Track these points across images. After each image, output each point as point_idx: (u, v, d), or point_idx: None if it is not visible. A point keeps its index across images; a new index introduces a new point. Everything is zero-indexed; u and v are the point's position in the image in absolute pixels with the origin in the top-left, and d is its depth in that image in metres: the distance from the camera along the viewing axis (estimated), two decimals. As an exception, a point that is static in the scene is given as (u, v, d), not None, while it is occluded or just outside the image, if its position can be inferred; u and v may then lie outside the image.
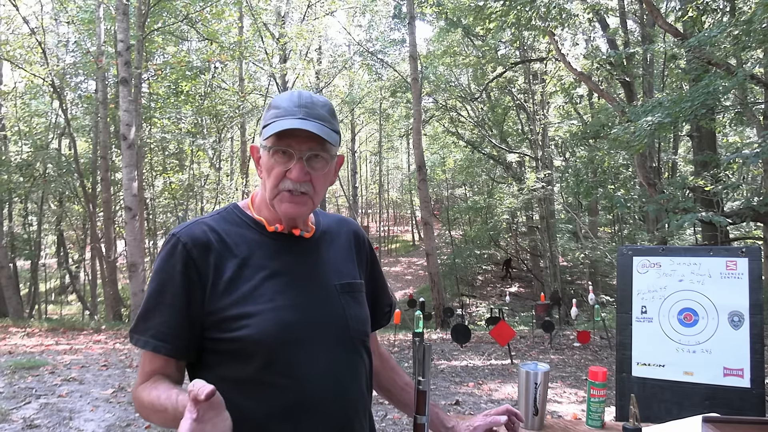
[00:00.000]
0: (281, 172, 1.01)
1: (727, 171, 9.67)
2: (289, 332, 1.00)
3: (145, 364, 1.02)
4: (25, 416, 4.19)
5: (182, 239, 1.01)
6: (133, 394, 1.03)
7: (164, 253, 1.02)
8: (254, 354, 0.98)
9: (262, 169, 1.05)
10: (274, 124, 1.00)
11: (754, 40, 6.17)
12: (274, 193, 1.03)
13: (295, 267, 1.07)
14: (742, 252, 1.92)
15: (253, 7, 14.78)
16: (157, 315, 1.00)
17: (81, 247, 18.85)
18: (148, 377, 1.01)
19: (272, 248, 1.06)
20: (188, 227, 1.04)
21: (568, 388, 5.32)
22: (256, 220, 1.08)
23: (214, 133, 15.78)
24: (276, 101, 1.05)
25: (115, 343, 7.71)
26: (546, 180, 15.45)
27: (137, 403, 1.01)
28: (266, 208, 1.08)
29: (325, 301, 1.07)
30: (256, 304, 0.99)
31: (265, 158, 1.03)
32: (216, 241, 1.03)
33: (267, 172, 1.03)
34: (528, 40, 15.18)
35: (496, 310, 12.25)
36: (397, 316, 8.07)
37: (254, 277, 1.02)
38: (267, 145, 1.02)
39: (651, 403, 1.90)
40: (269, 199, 1.04)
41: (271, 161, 1.02)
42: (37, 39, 13.06)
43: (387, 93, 19.89)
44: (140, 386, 1.01)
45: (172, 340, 0.99)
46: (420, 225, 23.31)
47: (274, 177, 1.01)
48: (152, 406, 0.95)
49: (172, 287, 0.99)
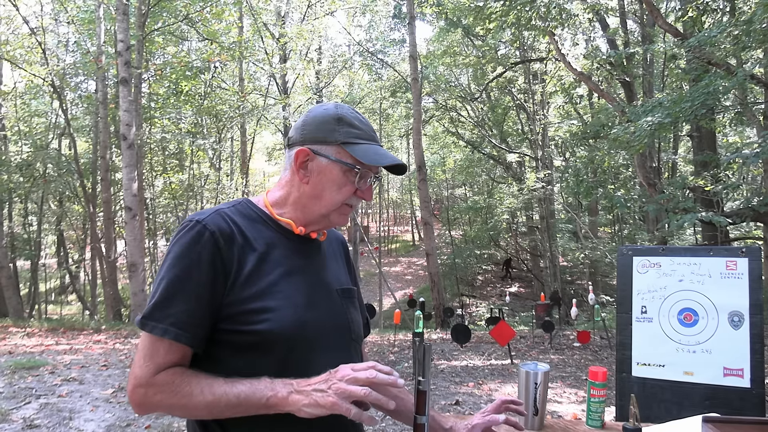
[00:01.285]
0: (353, 190, 1.06)
1: (727, 171, 9.68)
2: (306, 330, 1.01)
3: (158, 354, 0.95)
4: (25, 416, 4.19)
5: (209, 227, 0.99)
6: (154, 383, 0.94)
7: (188, 238, 0.98)
8: (272, 348, 0.98)
9: (319, 178, 1.06)
10: (367, 148, 1.05)
11: (754, 40, 6.17)
12: (336, 206, 1.07)
13: (307, 268, 1.09)
14: (742, 252, 1.92)
15: (253, 7, 14.78)
16: (179, 302, 0.96)
17: (81, 247, 18.86)
18: (162, 368, 0.95)
19: (287, 247, 1.08)
20: (212, 216, 1.02)
21: (568, 388, 5.32)
22: (276, 219, 1.09)
23: (214, 133, 15.78)
24: (348, 116, 1.07)
25: (115, 343, 7.71)
26: (546, 180, 15.46)
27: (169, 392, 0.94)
28: (294, 210, 1.09)
29: (334, 303, 1.10)
30: (275, 300, 1.00)
31: (334, 171, 1.05)
32: (238, 233, 1.03)
33: (335, 186, 1.05)
34: (528, 40, 15.20)
35: (496, 310, 12.25)
36: (397, 316, 8.08)
37: (272, 273, 1.02)
38: (348, 162, 1.04)
39: (651, 403, 1.90)
40: (327, 209, 1.07)
41: (342, 177, 1.05)
42: (37, 39, 13.07)
43: (387, 93, 19.90)
44: (161, 375, 0.95)
45: (193, 329, 0.96)
46: (420, 225, 23.32)
47: (346, 193, 1.06)
48: (215, 399, 0.92)
49: (198, 275, 0.97)
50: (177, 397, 0.94)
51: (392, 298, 16.72)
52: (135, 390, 0.95)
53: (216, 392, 0.93)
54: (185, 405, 0.94)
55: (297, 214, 1.09)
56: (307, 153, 1.06)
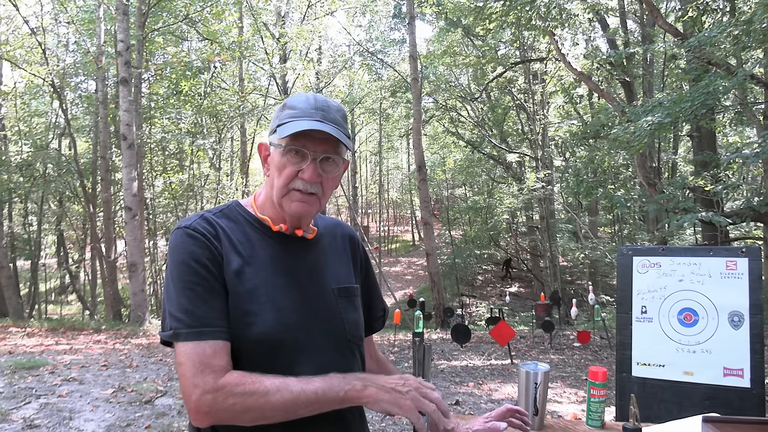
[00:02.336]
0: (293, 172, 1.01)
1: (727, 171, 9.68)
2: (290, 333, 1.00)
3: (206, 357, 0.92)
4: (25, 416, 4.19)
5: (198, 230, 1.01)
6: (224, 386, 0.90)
7: (184, 243, 0.99)
8: (256, 351, 0.98)
9: (271, 168, 1.05)
10: (291, 124, 1.00)
11: (754, 40, 6.17)
12: (283, 192, 1.03)
13: (296, 268, 1.08)
14: (742, 252, 1.92)
15: (253, 7, 14.78)
16: (201, 303, 0.96)
17: (81, 247, 18.85)
18: (220, 370, 0.92)
19: (274, 248, 1.07)
20: (196, 220, 1.03)
21: (568, 388, 5.32)
22: (260, 219, 1.08)
23: (214, 133, 15.77)
24: (292, 101, 1.05)
25: (115, 343, 7.71)
26: (546, 180, 15.45)
27: (236, 399, 0.90)
28: (271, 207, 1.08)
29: (324, 304, 1.08)
30: (258, 303, 0.99)
31: (276, 157, 1.03)
32: (223, 235, 1.03)
33: (278, 171, 1.03)
34: (528, 40, 15.20)
35: (496, 310, 12.24)
36: (397, 316, 8.08)
37: (256, 276, 1.02)
38: (280, 143, 1.02)
39: (651, 403, 1.90)
40: (277, 198, 1.04)
41: (282, 160, 1.02)
42: (37, 39, 13.08)
43: (387, 93, 19.91)
44: (228, 376, 0.91)
45: (221, 322, 0.96)
46: (420, 225, 23.31)
47: (286, 176, 1.02)
48: (293, 397, 0.91)
49: (206, 272, 0.98)
50: (253, 398, 0.90)
51: (392, 298, 16.71)
52: (202, 398, 0.90)
53: (293, 390, 0.92)
54: (262, 406, 0.91)
55: (274, 210, 1.08)
56: (266, 147, 1.08)
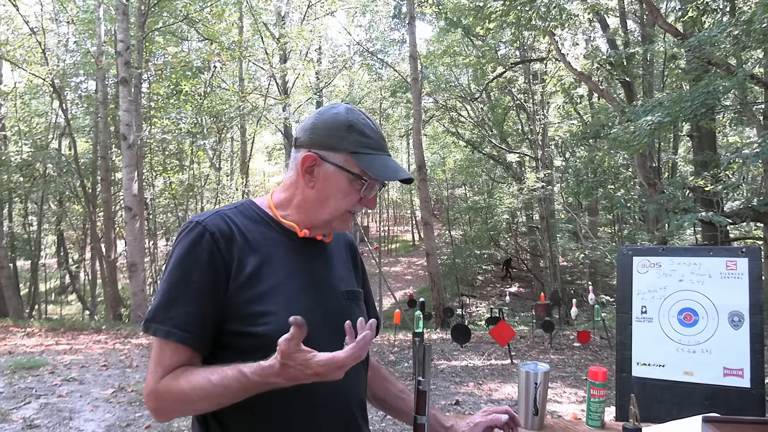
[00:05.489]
0: (357, 199, 1.06)
1: (727, 171, 9.67)
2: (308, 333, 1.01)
3: (164, 357, 0.95)
4: (25, 416, 4.19)
5: (209, 228, 0.99)
6: (157, 390, 0.94)
7: (188, 240, 0.99)
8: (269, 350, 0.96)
9: (323, 184, 1.05)
10: (379, 162, 1.04)
11: (754, 40, 6.17)
12: (339, 213, 1.06)
13: (311, 269, 1.08)
14: (742, 252, 1.92)
15: (253, 7, 14.78)
16: (181, 304, 0.96)
17: (81, 247, 18.85)
18: (170, 370, 0.95)
19: (290, 248, 1.07)
20: (212, 217, 1.02)
21: (568, 388, 5.32)
22: (281, 223, 1.08)
23: (214, 133, 15.77)
24: (359, 125, 1.05)
25: (115, 343, 7.71)
26: (546, 180, 15.45)
27: (170, 397, 0.94)
28: (299, 214, 1.08)
29: (336, 305, 1.09)
30: (276, 303, 0.99)
31: (339, 179, 1.04)
32: (238, 235, 1.02)
33: (341, 194, 1.04)
34: (528, 40, 15.21)
35: (496, 310, 12.23)
36: (397, 316, 8.08)
37: (274, 276, 1.02)
38: (356, 172, 1.03)
39: (651, 403, 1.90)
40: (330, 216, 1.06)
41: (348, 186, 1.04)
42: (37, 39, 13.09)
43: (387, 93, 19.89)
44: (164, 379, 0.94)
45: (197, 330, 0.96)
46: (420, 225, 23.30)
47: (350, 201, 1.05)
48: (203, 391, 0.91)
49: (199, 276, 0.97)
50: (183, 394, 0.93)
51: (392, 298, 16.72)
52: (147, 398, 0.96)
53: (205, 387, 0.92)
54: (186, 410, 0.95)
55: (301, 217, 1.08)
56: (314, 158, 1.04)
